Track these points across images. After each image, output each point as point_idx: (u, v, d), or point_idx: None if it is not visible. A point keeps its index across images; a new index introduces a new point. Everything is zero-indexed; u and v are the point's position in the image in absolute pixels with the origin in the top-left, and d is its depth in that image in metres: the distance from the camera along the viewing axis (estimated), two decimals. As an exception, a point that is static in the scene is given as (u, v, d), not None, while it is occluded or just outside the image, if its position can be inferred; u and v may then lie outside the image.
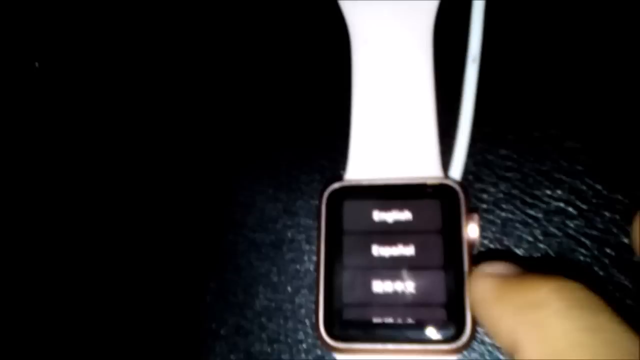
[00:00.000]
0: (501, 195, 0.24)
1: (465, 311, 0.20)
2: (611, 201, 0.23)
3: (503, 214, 0.23)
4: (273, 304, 0.24)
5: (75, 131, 0.27)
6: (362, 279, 0.21)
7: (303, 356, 0.23)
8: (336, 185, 0.23)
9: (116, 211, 0.26)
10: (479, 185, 0.24)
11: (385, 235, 0.22)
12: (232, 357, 0.24)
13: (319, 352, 0.23)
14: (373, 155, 0.23)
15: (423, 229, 0.21)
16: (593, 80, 0.24)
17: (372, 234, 0.22)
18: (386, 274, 0.21)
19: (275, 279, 0.24)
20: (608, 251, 0.22)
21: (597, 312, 0.16)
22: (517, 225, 0.23)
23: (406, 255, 0.21)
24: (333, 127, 0.25)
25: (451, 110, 0.24)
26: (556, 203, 0.23)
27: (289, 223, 0.25)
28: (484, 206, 0.24)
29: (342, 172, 0.24)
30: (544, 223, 0.23)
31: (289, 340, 0.24)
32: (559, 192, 0.23)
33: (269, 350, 0.24)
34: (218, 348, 0.24)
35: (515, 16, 0.25)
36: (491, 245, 0.23)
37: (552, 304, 0.17)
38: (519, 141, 0.24)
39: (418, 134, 0.23)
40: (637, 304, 0.22)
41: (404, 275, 0.21)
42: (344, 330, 0.21)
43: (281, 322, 0.24)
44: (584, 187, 0.23)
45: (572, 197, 0.23)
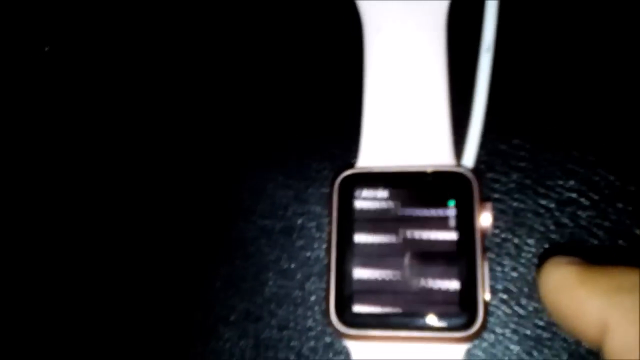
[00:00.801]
0: (513, 185, 0.23)
1: (477, 300, 0.20)
2: (624, 192, 0.23)
3: (515, 204, 0.23)
4: (283, 291, 0.24)
5: (86, 117, 0.27)
6: (373, 266, 0.21)
7: (312, 343, 0.23)
8: (348, 172, 0.23)
9: (128, 197, 0.26)
10: (491, 174, 0.24)
11: (397, 222, 0.22)
12: (242, 343, 0.24)
13: (329, 339, 0.23)
14: (385, 143, 0.23)
15: (435, 217, 0.21)
16: (607, 70, 0.24)
17: (384, 221, 0.22)
18: (397, 262, 0.21)
19: (285, 266, 0.24)
20: (620, 242, 0.22)
21: None
22: (529, 215, 0.23)
23: (418, 242, 0.21)
24: (345, 115, 0.25)
25: (464, 99, 0.24)
26: (568, 193, 0.23)
27: (300, 210, 0.25)
28: (496, 196, 0.23)
29: (354, 160, 0.23)
30: (556, 213, 0.23)
31: (299, 327, 0.24)
32: (572, 183, 0.23)
33: (278, 336, 0.24)
34: (227, 334, 0.24)
35: (529, 5, 0.25)
36: (503, 235, 0.23)
37: None
38: (532, 131, 0.24)
39: (430, 122, 0.23)
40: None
41: (416, 263, 0.21)
42: (355, 317, 0.21)
43: (291, 309, 0.24)
44: (597, 178, 0.23)
45: (585, 188, 0.23)
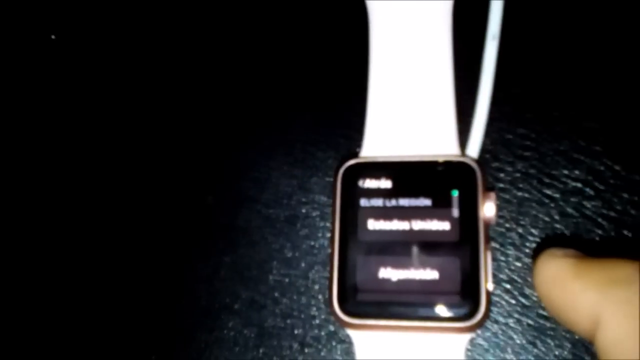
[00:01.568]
0: (518, 174, 0.23)
1: (480, 290, 0.20)
2: (629, 182, 0.23)
3: (520, 194, 0.23)
4: (287, 280, 0.24)
5: (87, 107, 0.27)
6: (377, 256, 0.21)
7: (316, 331, 0.24)
8: (352, 161, 0.22)
9: (133, 186, 0.26)
10: (496, 164, 0.24)
11: (400, 212, 0.22)
12: (246, 332, 0.24)
13: (332, 328, 0.23)
14: (389, 132, 0.23)
15: (439, 207, 0.21)
16: (613, 60, 0.24)
17: (388, 211, 0.22)
18: (401, 251, 0.21)
19: (289, 255, 0.24)
20: (625, 232, 0.22)
21: None
22: (534, 204, 0.23)
23: (422, 232, 0.21)
24: (349, 104, 0.25)
25: (470, 88, 0.24)
26: (574, 183, 0.23)
27: (304, 199, 0.25)
28: (501, 185, 0.23)
29: (358, 150, 0.23)
30: (561, 203, 0.23)
31: (302, 315, 0.24)
32: (577, 172, 0.23)
33: (282, 325, 0.24)
34: (232, 322, 0.24)
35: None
36: (507, 224, 0.23)
37: (638, 282, 0.17)
38: (537, 120, 0.24)
39: (435, 112, 0.23)
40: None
41: (419, 252, 0.21)
42: (358, 306, 0.21)
43: (294, 298, 0.24)
44: (602, 168, 0.23)
45: (590, 178, 0.23)
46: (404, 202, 0.22)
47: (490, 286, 0.20)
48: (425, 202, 0.21)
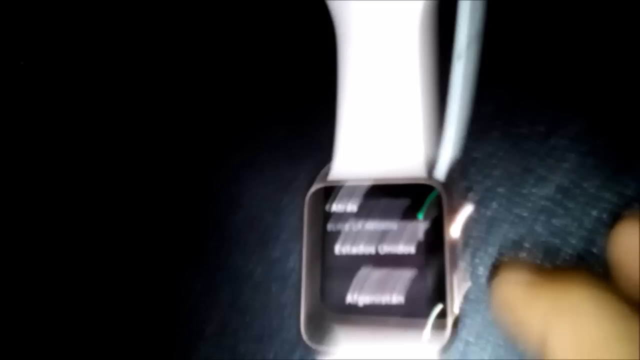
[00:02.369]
0: (487, 193, 0.23)
1: (446, 312, 0.20)
2: (599, 200, 0.23)
3: (489, 213, 0.23)
4: (258, 303, 0.24)
5: (60, 122, 0.27)
6: (345, 280, 0.21)
7: (288, 355, 0.23)
8: (318, 186, 0.22)
9: (103, 206, 0.26)
10: (466, 182, 0.24)
11: (367, 235, 0.22)
12: (217, 357, 0.24)
13: (304, 351, 0.23)
14: (358, 153, 0.23)
15: (405, 230, 0.21)
16: (583, 76, 0.24)
17: (356, 234, 0.22)
18: (369, 274, 0.21)
19: (260, 278, 0.24)
20: (594, 251, 0.22)
21: (629, 320, 0.16)
22: (503, 224, 0.23)
23: (388, 255, 0.21)
24: (320, 120, 0.25)
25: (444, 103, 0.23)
26: (542, 202, 0.23)
27: (275, 222, 0.25)
28: (469, 204, 0.23)
29: (328, 169, 0.23)
30: (530, 222, 0.23)
31: (274, 339, 0.24)
32: (546, 191, 0.23)
33: (254, 349, 0.24)
34: (203, 348, 0.24)
35: (509, 11, 0.24)
36: (476, 243, 0.23)
37: (584, 309, 0.17)
38: (505, 138, 0.24)
39: (404, 131, 0.23)
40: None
41: (388, 275, 0.21)
42: (326, 331, 0.21)
43: (266, 322, 0.24)
44: (571, 185, 0.23)
45: (559, 196, 0.23)
46: (371, 226, 0.22)
47: (457, 308, 0.20)
48: (391, 226, 0.21)
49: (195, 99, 0.27)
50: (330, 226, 0.22)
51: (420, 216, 0.21)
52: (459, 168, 0.23)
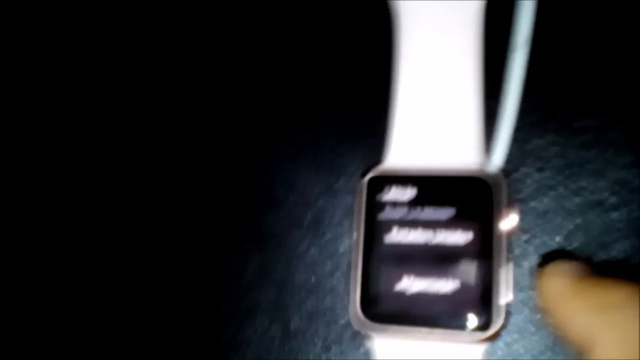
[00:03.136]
0: (542, 184, 0.23)
1: (497, 302, 0.21)
2: (656, 195, 0.22)
3: (542, 204, 0.23)
4: (312, 280, 0.25)
5: (90, 107, 0.28)
6: (397, 266, 0.22)
7: (339, 333, 0.24)
8: (375, 172, 0.23)
9: (162, 184, 0.27)
10: (520, 173, 0.24)
11: (421, 224, 0.22)
12: (270, 332, 0.25)
13: (354, 331, 0.24)
14: (414, 140, 0.23)
15: (460, 219, 0.22)
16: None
17: (409, 222, 0.22)
18: (421, 262, 0.22)
19: (315, 256, 0.25)
20: (647, 247, 0.22)
21: None
22: (554, 218, 0.23)
23: (442, 244, 0.22)
24: (377, 107, 0.25)
25: (495, 94, 0.23)
26: (596, 197, 0.23)
27: (330, 201, 0.25)
28: (523, 194, 0.23)
29: (383, 155, 0.24)
30: (582, 217, 0.23)
31: (325, 317, 0.25)
32: (601, 184, 0.23)
33: (306, 326, 0.25)
34: (258, 322, 0.25)
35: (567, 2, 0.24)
36: (528, 234, 0.23)
37: (634, 307, 0.17)
38: (563, 129, 0.24)
39: (461, 121, 0.23)
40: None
41: (439, 264, 0.22)
42: (378, 314, 0.22)
43: (319, 298, 0.25)
44: (626, 181, 0.23)
45: (616, 189, 0.23)
46: (425, 215, 0.22)
47: (509, 298, 0.21)
48: (446, 215, 0.22)
49: (254, 77, 0.27)
50: (383, 214, 0.22)
51: (475, 206, 0.22)
52: (513, 160, 0.24)
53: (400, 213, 0.22)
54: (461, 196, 0.22)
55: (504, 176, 0.22)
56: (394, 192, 0.23)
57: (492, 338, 0.21)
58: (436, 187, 0.22)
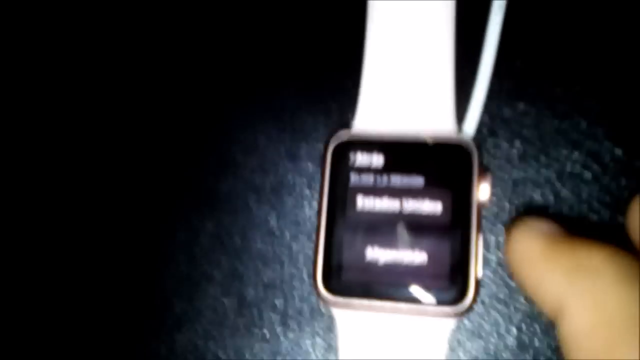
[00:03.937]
0: (515, 152, 0.22)
1: (469, 276, 0.20)
2: (629, 168, 0.22)
3: (515, 173, 0.22)
4: (270, 249, 0.23)
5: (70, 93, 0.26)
6: (364, 235, 0.21)
7: (298, 305, 0.23)
8: (343, 136, 0.21)
9: (113, 148, 0.25)
10: (493, 140, 0.23)
11: (391, 191, 0.21)
12: (225, 301, 0.23)
13: (314, 302, 0.23)
14: (384, 104, 0.22)
15: (431, 187, 0.21)
16: (624, 36, 0.22)
17: (378, 190, 0.21)
18: (390, 232, 0.20)
19: (273, 224, 0.24)
20: (620, 220, 0.21)
21: None
22: (529, 185, 0.22)
23: (412, 213, 0.20)
24: (343, 69, 0.24)
25: (470, 58, 0.22)
26: (572, 165, 0.22)
27: (291, 167, 0.24)
28: (496, 162, 0.22)
29: (350, 118, 0.22)
30: (557, 185, 0.22)
31: (284, 287, 0.23)
32: (576, 154, 0.22)
33: (263, 296, 0.23)
34: (211, 291, 0.23)
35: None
36: (499, 203, 0.22)
37: (608, 272, 0.16)
38: (538, 98, 0.23)
39: (433, 84, 0.22)
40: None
41: (409, 234, 0.20)
42: (342, 285, 0.21)
43: (277, 268, 0.23)
44: (602, 151, 0.22)
45: (589, 160, 0.22)
46: (396, 181, 0.21)
47: (480, 272, 0.20)
48: (417, 182, 0.21)
49: (212, 34, 0.25)
50: (353, 179, 0.21)
51: (448, 174, 0.20)
52: (488, 126, 0.23)
53: (367, 180, 0.21)
54: (432, 164, 0.21)
55: (479, 142, 0.21)
56: (361, 159, 0.21)
57: (464, 313, 0.20)
58: (406, 154, 0.21)
